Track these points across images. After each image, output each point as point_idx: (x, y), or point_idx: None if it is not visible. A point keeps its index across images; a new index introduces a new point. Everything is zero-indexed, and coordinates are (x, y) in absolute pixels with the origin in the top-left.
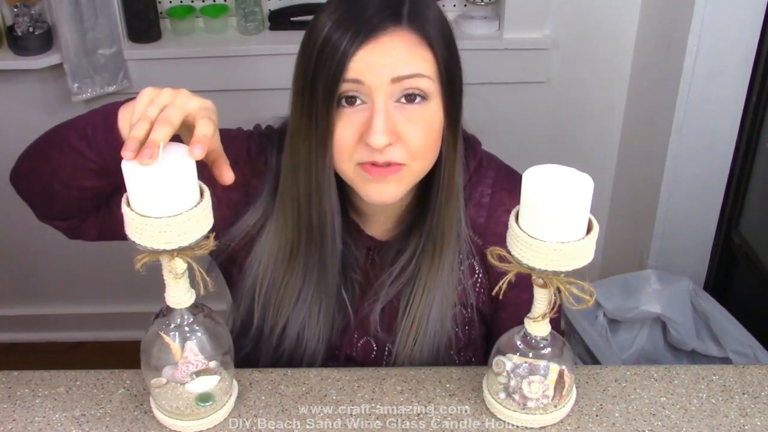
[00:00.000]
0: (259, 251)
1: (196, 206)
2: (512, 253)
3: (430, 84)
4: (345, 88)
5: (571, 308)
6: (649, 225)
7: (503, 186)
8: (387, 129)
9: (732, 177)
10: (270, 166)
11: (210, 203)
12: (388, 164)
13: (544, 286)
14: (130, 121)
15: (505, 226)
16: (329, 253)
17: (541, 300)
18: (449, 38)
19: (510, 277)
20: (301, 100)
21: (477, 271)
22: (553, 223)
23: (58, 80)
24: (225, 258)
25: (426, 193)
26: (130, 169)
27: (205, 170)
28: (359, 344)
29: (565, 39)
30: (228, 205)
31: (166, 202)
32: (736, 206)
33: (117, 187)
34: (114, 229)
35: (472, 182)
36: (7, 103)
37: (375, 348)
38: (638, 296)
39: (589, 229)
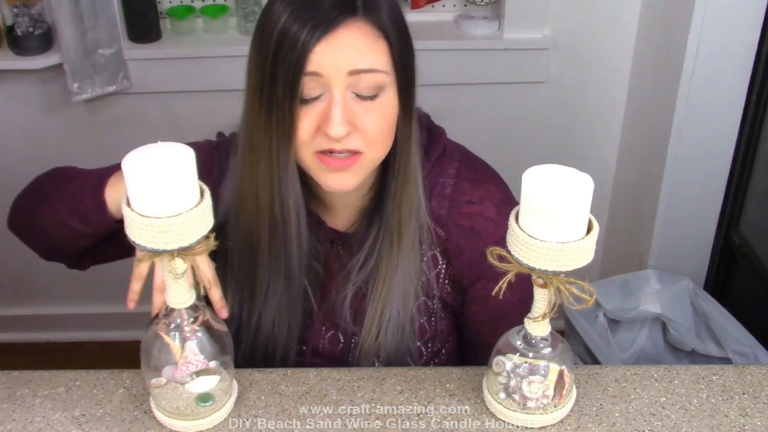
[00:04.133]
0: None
1: (196, 206)
2: (512, 253)
3: (385, 78)
4: (305, 80)
5: (571, 308)
6: (649, 225)
7: (466, 177)
8: (345, 120)
9: (732, 177)
10: (223, 170)
11: (210, 203)
12: (348, 152)
13: (544, 286)
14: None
15: (467, 218)
16: (295, 245)
17: (541, 300)
18: (403, 27)
19: (510, 277)
20: (260, 94)
21: (440, 263)
22: (553, 223)
23: (58, 80)
24: None
25: (384, 181)
26: (130, 169)
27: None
28: (326, 336)
29: (565, 39)
30: None
31: (166, 203)
32: (736, 206)
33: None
34: (105, 257)
35: (434, 172)
36: (7, 103)
37: (342, 341)
38: (638, 296)
39: (589, 229)
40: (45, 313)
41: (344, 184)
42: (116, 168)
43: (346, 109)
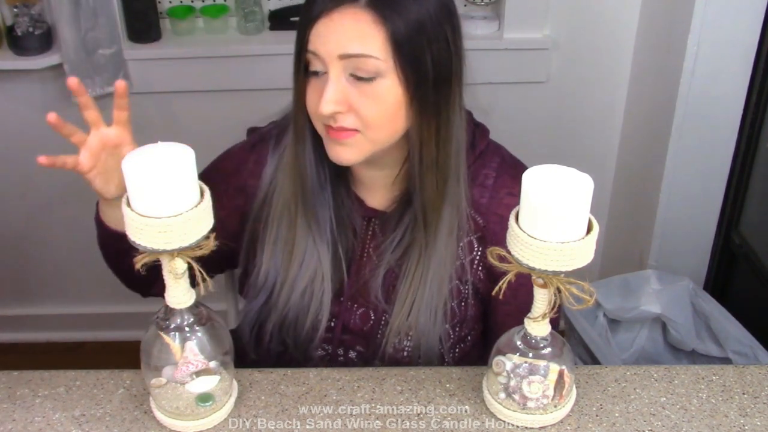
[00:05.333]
0: (270, 206)
1: (196, 206)
2: (512, 253)
3: (380, 64)
4: (308, 58)
5: (571, 308)
6: (649, 225)
7: (507, 171)
8: (336, 99)
9: (732, 177)
10: (262, 155)
11: (210, 203)
12: (342, 128)
13: (544, 286)
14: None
15: (507, 208)
16: (318, 207)
17: (541, 300)
18: (422, 20)
19: (510, 277)
20: (294, 66)
21: (476, 249)
22: (553, 223)
23: (58, 80)
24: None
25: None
26: (130, 168)
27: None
28: (357, 313)
29: (565, 39)
30: (236, 211)
31: (166, 202)
32: (736, 206)
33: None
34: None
35: (477, 164)
36: (7, 103)
37: (373, 318)
38: (638, 296)
39: (589, 229)
40: (45, 313)
41: (344, 157)
42: None
43: (338, 89)
